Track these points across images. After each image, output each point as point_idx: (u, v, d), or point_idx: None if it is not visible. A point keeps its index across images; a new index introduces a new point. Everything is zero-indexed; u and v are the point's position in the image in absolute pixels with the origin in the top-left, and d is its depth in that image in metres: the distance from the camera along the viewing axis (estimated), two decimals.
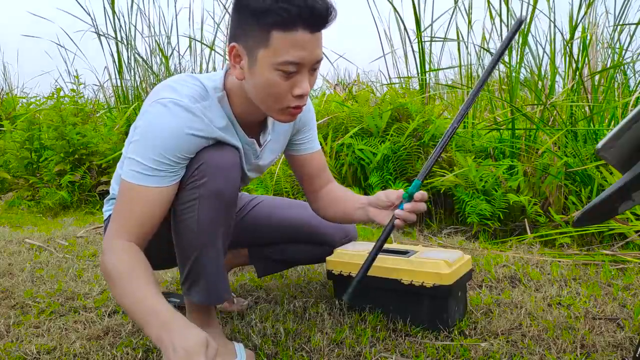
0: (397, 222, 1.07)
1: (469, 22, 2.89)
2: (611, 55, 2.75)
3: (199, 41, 4.30)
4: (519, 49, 2.57)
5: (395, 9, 2.94)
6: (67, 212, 3.47)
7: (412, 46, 3.06)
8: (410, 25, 3.00)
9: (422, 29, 2.88)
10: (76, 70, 5.40)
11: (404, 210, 1.07)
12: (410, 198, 1.08)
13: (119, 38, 4.31)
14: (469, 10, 2.89)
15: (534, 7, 2.49)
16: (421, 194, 1.08)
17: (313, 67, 0.99)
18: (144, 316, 0.90)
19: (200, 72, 4.39)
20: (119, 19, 4.27)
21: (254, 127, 1.16)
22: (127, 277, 0.95)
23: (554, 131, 2.39)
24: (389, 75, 4.05)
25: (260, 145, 1.19)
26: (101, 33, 4.24)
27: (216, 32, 4.42)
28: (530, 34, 2.60)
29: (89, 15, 4.49)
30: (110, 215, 1.28)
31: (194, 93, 1.03)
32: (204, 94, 1.05)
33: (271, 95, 0.99)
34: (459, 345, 1.19)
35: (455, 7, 2.88)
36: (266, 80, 0.97)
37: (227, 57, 1.04)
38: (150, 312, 0.90)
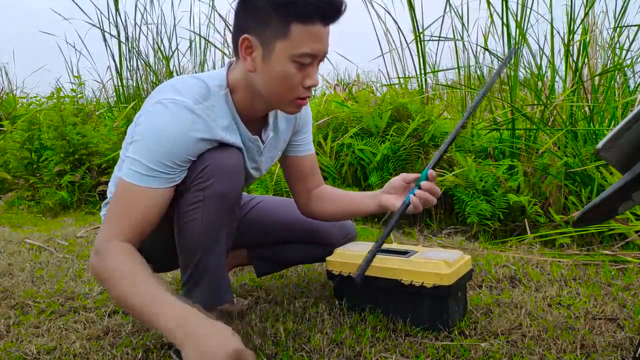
0: (413, 199, 1.10)
1: (462, 23, 2.89)
2: (611, 57, 2.75)
3: (198, 34, 4.30)
4: (518, 47, 2.57)
5: (389, 12, 2.95)
6: (67, 212, 3.46)
7: (409, 47, 3.06)
8: (408, 25, 3.00)
9: (421, 29, 2.87)
10: (78, 70, 5.40)
11: (420, 190, 1.11)
12: (425, 178, 1.13)
13: (121, 38, 4.31)
14: (460, 14, 2.90)
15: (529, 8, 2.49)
16: (432, 174, 1.12)
17: (320, 60, 1.03)
18: (156, 315, 0.87)
19: (202, 70, 4.39)
20: (120, 17, 4.28)
21: (256, 123, 1.17)
22: (130, 277, 0.93)
23: (554, 131, 2.39)
24: (388, 75, 4.05)
25: (263, 142, 1.19)
26: (104, 30, 4.25)
27: (209, 31, 4.43)
28: (529, 33, 2.60)
29: (85, 13, 4.50)
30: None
31: (197, 93, 1.04)
32: (206, 94, 1.05)
33: (285, 86, 1.02)
34: (459, 346, 1.19)
35: (447, 6, 2.87)
36: (282, 72, 1.00)
37: (224, 51, 1.06)
38: (162, 309, 0.87)
